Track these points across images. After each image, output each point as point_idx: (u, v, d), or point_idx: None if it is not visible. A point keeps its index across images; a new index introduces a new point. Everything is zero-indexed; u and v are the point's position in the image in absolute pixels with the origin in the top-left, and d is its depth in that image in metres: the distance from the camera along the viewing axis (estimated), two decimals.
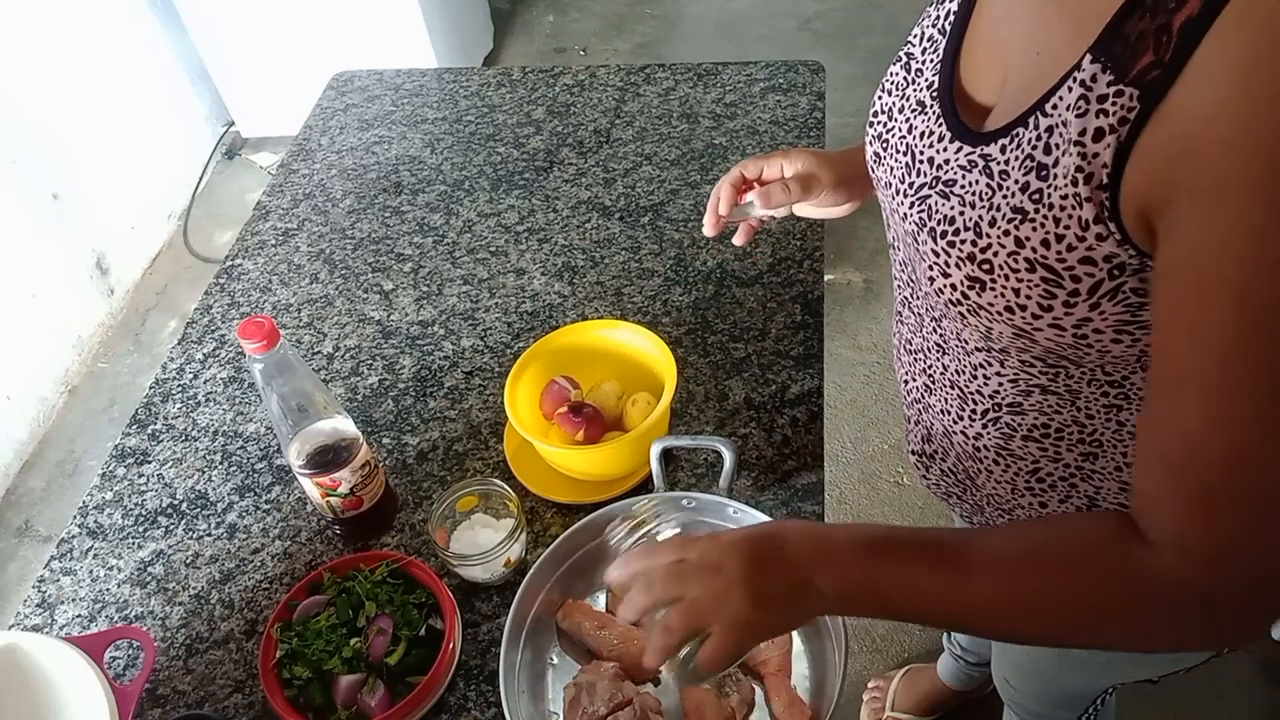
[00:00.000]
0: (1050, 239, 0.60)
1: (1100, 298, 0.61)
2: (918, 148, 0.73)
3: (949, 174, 0.69)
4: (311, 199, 1.49)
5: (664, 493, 0.95)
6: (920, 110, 0.73)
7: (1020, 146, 0.62)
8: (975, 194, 0.66)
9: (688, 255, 1.30)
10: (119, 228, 2.77)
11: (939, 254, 0.69)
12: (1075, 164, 0.57)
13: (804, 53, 3.13)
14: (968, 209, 0.66)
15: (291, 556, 1.05)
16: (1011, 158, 0.63)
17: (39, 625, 1.03)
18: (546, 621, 0.92)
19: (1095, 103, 0.55)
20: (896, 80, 0.78)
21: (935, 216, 0.69)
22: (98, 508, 1.12)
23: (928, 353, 0.84)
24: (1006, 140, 0.63)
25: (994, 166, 0.64)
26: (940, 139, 0.70)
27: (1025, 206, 0.61)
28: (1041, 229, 0.60)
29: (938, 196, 0.69)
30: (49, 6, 2.49)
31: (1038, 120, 0.60)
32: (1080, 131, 0.56)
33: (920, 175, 0.72)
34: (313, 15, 2.79)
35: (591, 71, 1.64)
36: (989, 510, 0.90)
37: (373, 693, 0.88)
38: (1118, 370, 0.68)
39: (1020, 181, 0.62)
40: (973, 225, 0.65)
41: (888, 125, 0.77)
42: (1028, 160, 0.61)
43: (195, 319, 1.32)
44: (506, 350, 1.22)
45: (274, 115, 3.09)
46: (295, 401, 0.92)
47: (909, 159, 0.74)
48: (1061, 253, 0.60)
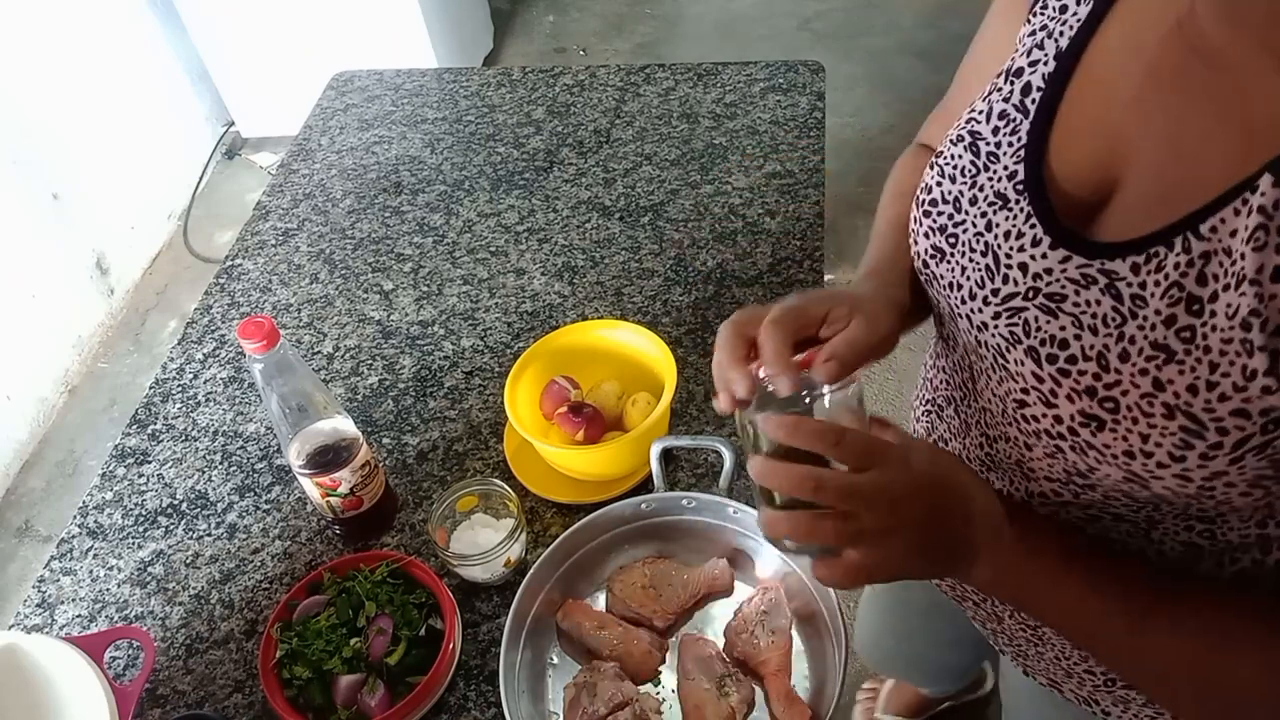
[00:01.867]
0: (1200, 385, 0.51)
1: (1246, 452, 0.52)
2: (1002, 250, 0.62)
3: (1053, 287, 0.59)
4: (311, 199, 1.49)
5: (664, 493, 0.95)
6: (1001, 204, 0.62)
7: (1163, 270, 0.52)
8: (1097, 317, 0.56)
9: (688, 255, 1.30)
10: (119, 228, 2.77)
11: (1043, 380, 0.59)
12: (1250, 306, 0.48)
13: (804, 53, 3.13)
14: (1086, 333, 0.57)
15: (291, 556, 1.05)
16: (1149, 281, 0.53)
17: (39, 625, 1.03)
18: (546, 621, 0.92)
19: (1277, 235, 0.47)
20: (961, 165, 0.66)
21: (1035, 334, 0.60)
22: (98, 508, 1.12)
23: (969, 461, 0.75)
24: (1140, 259, 0.53)
25: (1123, 288, 0.54)
26: (1035, 243, 0.60)
27: (1171, 345, 0.52)
28: (1191, 373, 0.51)
29: (1039, 311, 0.59)
30: (49, 6, 2.49)
31: (1189, 243, 0.51)
32: (1258, 269, 0.47)
33: (1009, 283, 0.62)
34: (313, 15, 2.79)
35: (591, 71, 1.64)
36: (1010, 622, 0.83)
37: (373, 693, 0.88)
38: (1216, 510, 0.59)
39: (1164, 313, 0.52)
40: (1095, 355, 0.56)
41: (955, 219, 0.66)
42: (1174, 289, 0.52)
43: (195, 319, 1.33)
44: (506, 350, 1.22)
45: (274, 115, 3.09)
46: (295, 401, 0.92)
47: (990, 261, 0.63)
48: (1211, 402, 0.51)
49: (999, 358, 0.64)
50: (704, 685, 0.86)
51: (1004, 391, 0.64)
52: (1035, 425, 0.62)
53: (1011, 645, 0.85)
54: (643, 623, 0.92)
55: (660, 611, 0.91)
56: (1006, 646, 0.86)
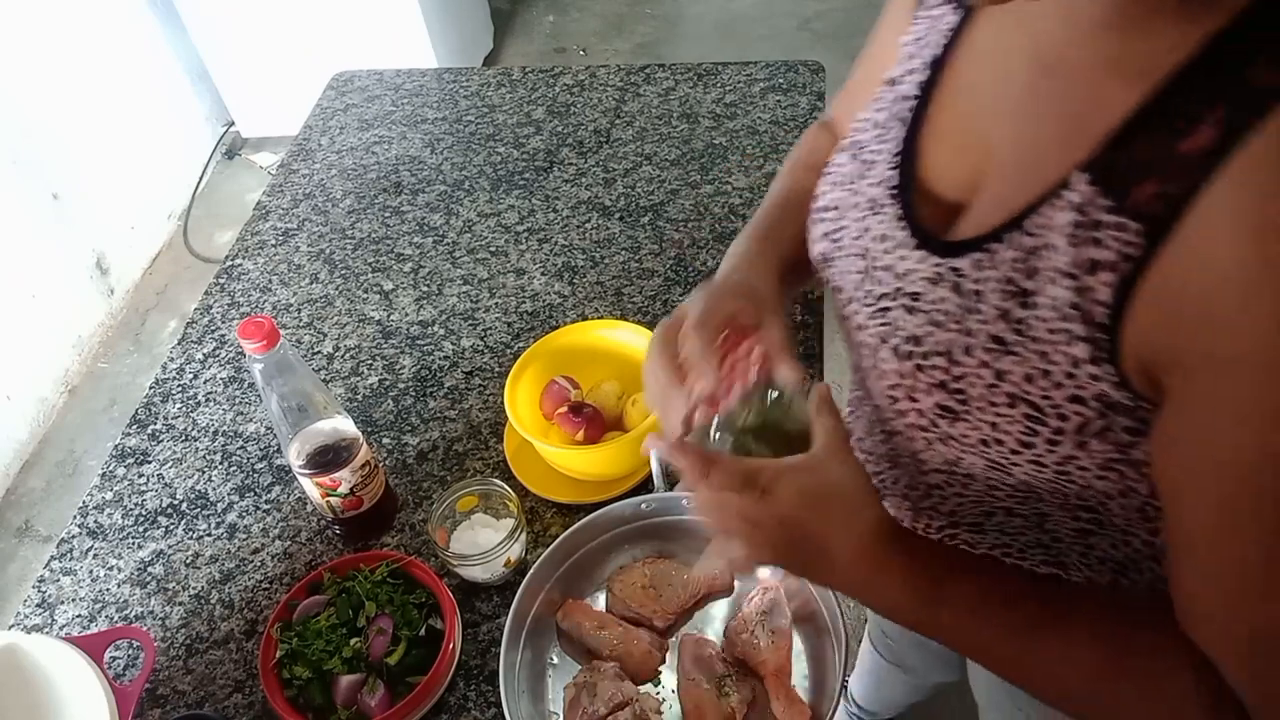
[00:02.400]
0: (1034, 374, 0.54)
1: (1089, 437, 0.54)
2: (874, 252, 0.65)
3: (913, 286, 0.61)
4: (311, 199, 1.49)
5: (664, 493, 0.95)
6: (875, 209, 0.65)
7: (997, 266, 0.55)
8: (945, 313, 0.59)
9: (688, 255, 1.30)
10: (119, 228, 2.77)
11: (904, 375, 0.62)
12: (1068, 298, 0.51)
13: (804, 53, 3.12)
14: (937, 329, 0.59)
15: (291, 556, 1.05)
16: (986, 276, 0.56)
17: (39, 625, 1.03)
18: (546, 621, 0.92)
19: (1090, 230, 0.49)
20: (845, 172, 0.69)
21: (899, 333, 0.62)
22: (98, 508, 1.12)
23: (877, 460, 0.77)
24: (981, 255, 0.56)
25: (965, 284, 0.57)
26: (900, 245, 0.62)
27: (1005, 336, 0.55)
28: (1025, 363, 0.54)
29: (901, 311, 0.62)
30: (49, 6, 2.49)
31: (1018, 239, 0.53)
32: (1073, 261, 0.50)
33: (879, 283, 0.64)
34: (313, 15, 2.79)
35: (591, 71, 1.64)
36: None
37: (373, 693, 0.88)
38: (1094, 498, 0.61)
39: (998, 307, 0.55)
40: (944, 350, 0.59)
41: (838, 223, 0.69)
42: (1006, 284, 0.54)
43: (195, 319, 1.32)
44: (506, 350, 1.21)
45: (274, 115, 3.09)
46: (295, 401, 0.92)
47: (865, 263, 0.66)
48: (1047, 389, 0.54)
49: (873, 355, 0.66)
50: (704, 685, 0.86)
51: (881, 389, 0.67)
52: (906, 420, 0.64)
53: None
54: (643, 623, 0.92)
55: (660, 611, 0.91)
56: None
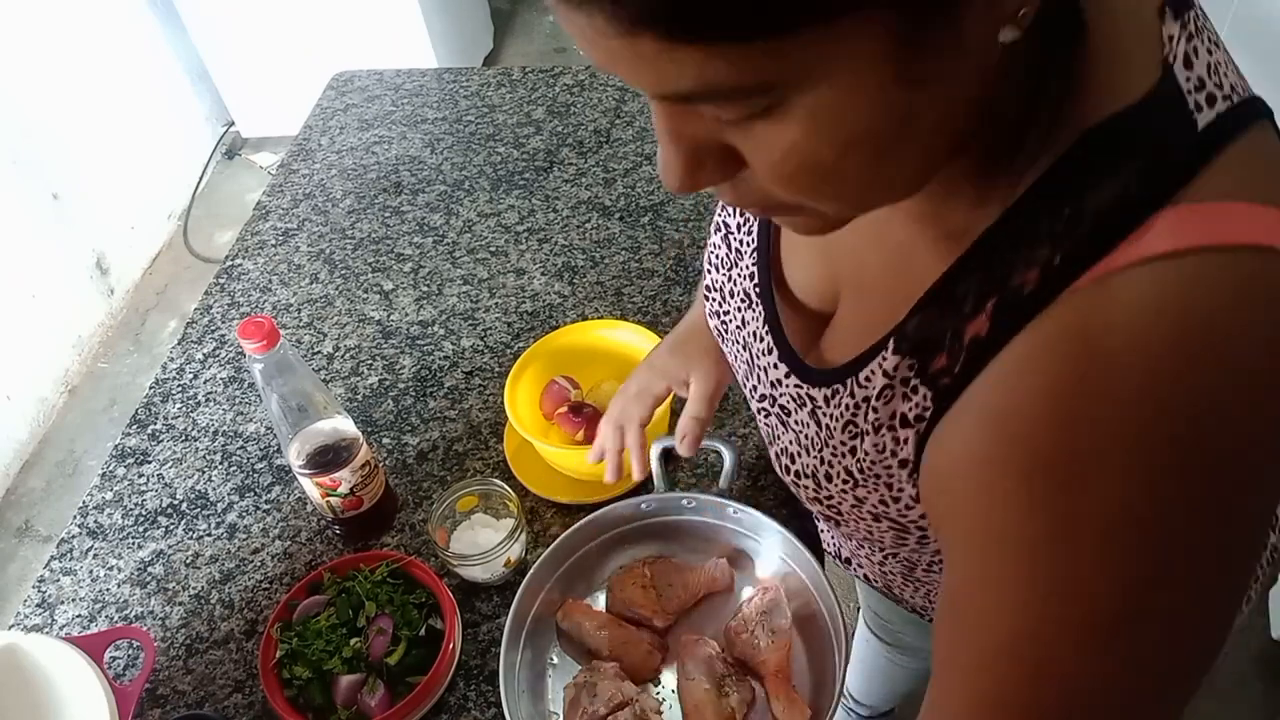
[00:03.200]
0: (888, 500, 0.56)
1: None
2: (753, 349, 0.65)
3: (783, 400, 0.63)
4: (311, 199, 1.49)
5: (664, 493, 0.95)
6: (748, 304, 0.65)
7: (841, 405, 0.56)
8: (808, 438, 0.61)
9: (688, 255, 1.30)
10: (119, 228, 2.77)
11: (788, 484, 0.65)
12: (890, 446, 0.53)
13: None
14: (804, 453, 0.61)
15: (291, 556, 1.05)
16: (834, 414, 0.57)
17: (39, 625, 1.03)
18: (546, 621, 0.92)
19: (900, 387, 0.51)
20: (719, 255, 0.69)
21: (778, 441, 0.64)
22: (98, 508, 1.12)
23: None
24: (829, 392, 0.57)
25: (821, 416, 0.58)
26: (770, 351, 0.63)
27: (854, 471, 0.57)
28: (875, 493, 0.57)
29: (777, 420, 0.64)
30: (49, 6, 2.49)
31: (853, 387, 0.55)
32: (891, 416, 0.52)
33: (761, 384, 0.65)
34: (313, 15, 2.79)
35: (591, 71, 1.64)
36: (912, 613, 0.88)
37: (373, 693, 0.88)
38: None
39: (846, 444, 0.57)
40: (811, 473, 0.61)
41: (722, 306, 0.70)
42: (849, 425, 0.56)
43: (195, 319, 1.32)
44: (506, 350, 1.21)
45: (274, 115, 3.09)
46: (295, 401, 0.92)
47: (748, 356, 0.66)
48: (902, 510, 0.56)
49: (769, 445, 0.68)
50: (704, 685, 0.86)
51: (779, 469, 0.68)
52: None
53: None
54: (643, 623, 0.92)
55: (660, 611, 0.91)
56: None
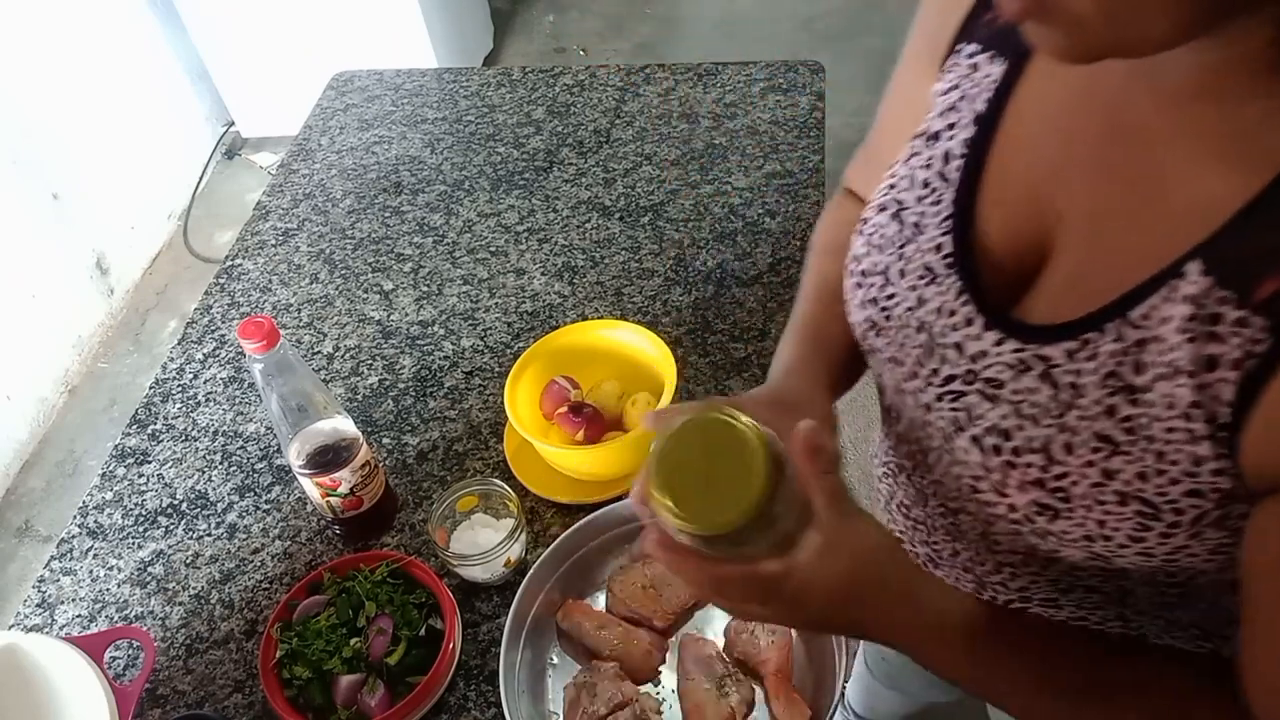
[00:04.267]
0: (1149, 472, 0.49)
1: (1204, 527, 0.50)
2: (936, 328, 0.59)
3: (990, 371, 0.56)
4: (311, 199, 1.49)
5: None
6: (929, 279, 0.59)
7: (1097, 358, 0.50)
8: (1038, 407, 0.53)
9: (688, 255, 1.30)
10: (119, 228, 2.77)
11: (991, 470, 0.56)
12: (1188, 397, 0.46)
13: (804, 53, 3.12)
14: (1029, 424, 0.54)
15: (291, 556, 1.05)
16: (1084, 369, 0.51)
17: (39, 625, 1.03)
18: (546, 621, 0.92)
19: (1208, 324, 0.45)
20: (886, 234, 0.62)
21: (979, 422, 0.57)
22: (98, 508, 1.12)
23: (932, 530, 0.72)
24: (1074, 345, 0.51)
25: (1060, 375, 0.52)
26: (968, 322, 0.57)
27: (1115, 435, 0.50)
28: (1138, 462, 0.50)
29: (979, 397, 0.56)
30: (49, 6, 2.49)
31: (1121, 330, 0.49)
32: (1191, 358, 0.46)
33: (946, 363, 0.58)
34: (313, 15, 2.79)
35: (591, 71, 1.64)
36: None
37: (373, 693, 0.88)
38: (1185, 575, 0.57)
39: (1104, 404, 0.50)
40: (1041, 447, 0.53)
41: (885, 290, 0.62)
42: (1111, 379, 0.50)
43: (195, 319, 1.32)
44: (506, 350, 1.21)
45: (274, 115, 3.09)
46: (295, 401, 0.92)
47: (926, 338, 0.60)
48: (1163, 486, 0.49)
49: (946, 441, 0.61)
50: (704, 685, 0.86)
51: (956, 474, 0.61)
52: (990, 510, 0.59)
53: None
54: (643, 623, 0.92)
55: (660, 611, 0.91)
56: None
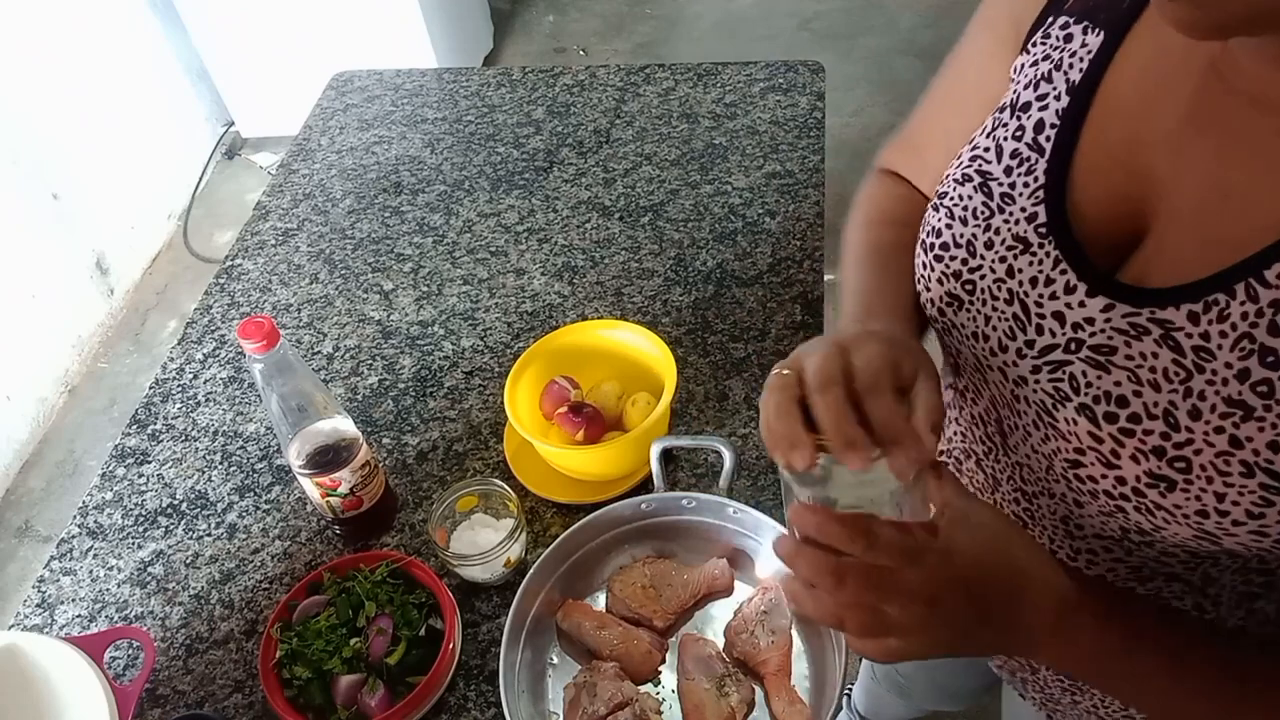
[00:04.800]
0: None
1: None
2: (1030, 298, 0.58)
3: (1098, 338, 0.55)
4: (311, 199, 1.49)
5: (664, 493, 0.95)
6: (1022, 248, 0.59)
7: (1227, 319, 0.49)
8: (1157, 371, 0.53)
9: (688, 255, 1.30)
10: (119, 228, 2.77)
11: (1102, 440, 0.56)
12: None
13: (804, 53, 3.13)
14: (1148, 389, 0.53)
15: (291, 556, 1.05)
16: (1213, 332, 0.50)
17: (39, 625, 1.03)
18: (546, 621, 0.92)
19: None
20: (972, 206, 0.62)
21: (1087, 391, 0.56)
22: (98, 508, 1.12)
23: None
24: (1198, 307, 0.50)
25: (1182, 340, 0.51)
26: (1069, 290, 0.56)
27: (1248, 400, 0.49)
28: (1272, 430, 0.49)
29: (1086, 366, 0.56)
30: (49, 7, 2.49)
31: (1253, 290, 0.48)
32: None
33: (1046, 334, 0.58)
34: (313, 15, 2.79)
35: (591, 71, 1.64)
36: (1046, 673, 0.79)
37: (373, 693, 0.88)
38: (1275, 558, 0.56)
39: (1236, 367, 0.49)
40: (1160, 413, 0.52)
41: (970, 264, 0.62)
42: (1244, 340, 0.49)
43: (195, 319, 1.33)
44: (506, 350, 1.22)
45: (274, 115, 3.09)
46: (295, 401, 0.92)
47: (1018, 310, 0.59)
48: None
49: (1044, 415, 0.60)
50: (704, 685, 0.86)
51: (1050, 450, 0.60)
52: (1092, 485, 0.58)
53: (1045, 699, 0.83)
54: (643, 623, 0.92)
55: (660, 611, 0.91)
56: (1035, 694, 0.85)
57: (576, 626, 0.91)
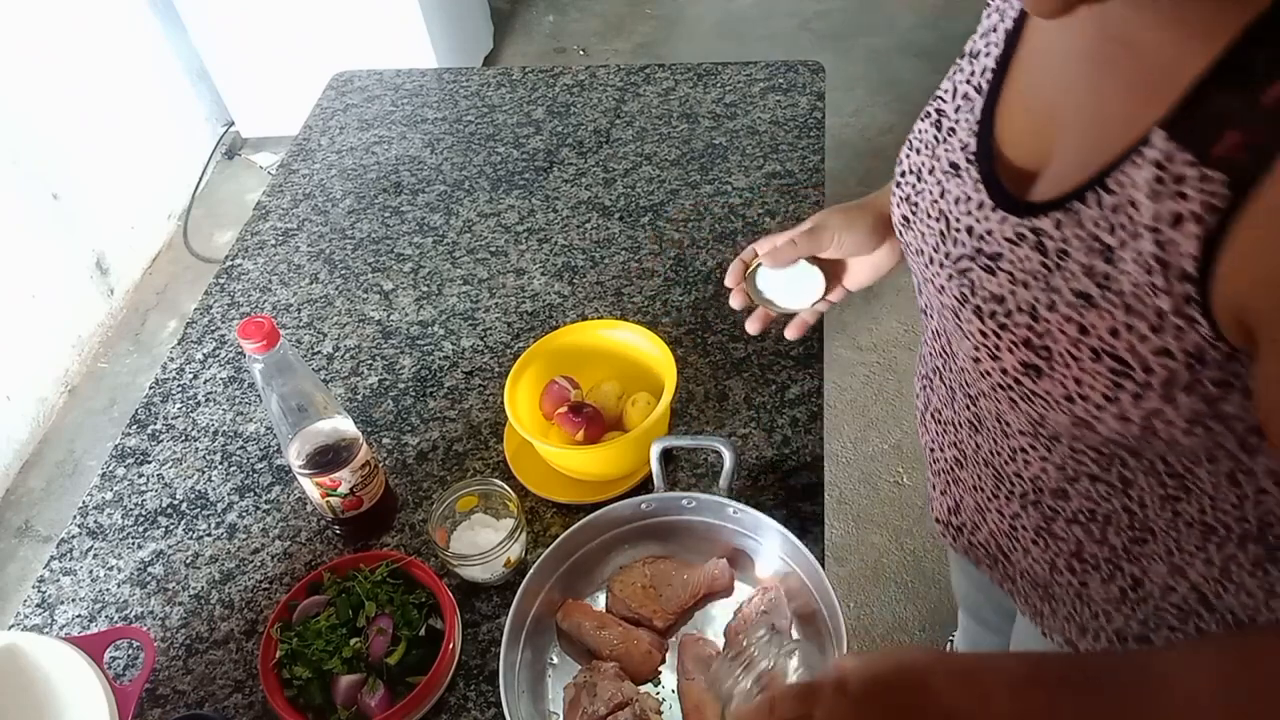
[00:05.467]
0: (1119, 328, 0.55)
1: (1175, 390, 0.55)
2: (953, 214, 0.67)
3: (993, 246, 0.63)
4: (311, 199, 1.49)
5: (664, 493, 0.95)
6: (954, 173, 0.68)
7: (1081, 224, 0.56)
8: (1028, 272, 0.60)
9: (688, 255, 1.30)
10: (119, 228, 2.77)
11: (986, 334, 0.64)
12: (1151, 251, 0.52)
13: (804, 53, 3.13)
14: (1020, 288, 0.61)
15: (291, 556, 1.05)
16: (1070, 235, 0.57)
17: (39, 625, 1.03)
18: (546, 621, 0.92)
19: (1172, 184, 0.50)
20: (926, 139, 0.72)
21: (979, 293, 0.64)
22: (98, 508, 1.12)
23: (959, 427, 0.79)
24: (1062, 215, 0.58)
25: (1049, 243, 0.59)
26: (980, 206, 0.65)
27: (1090, 291, 0.56)
28: (1110, 317, 0.55)
29: (981, 271, 0.64)
30: (49, 7, 2.49)
31: (1100, 196, 0.55)
32: (1155, 216, 0.51)
33: (958, 245, 0.67)
34: (313, 15, 2.79)
35: (591, 71, 1.64)
36: (1022, 583, 0.84)
37: (373, 693, 0.88)
38: (1180, 462, 0.62)
39: (1083, 264, 0.56)
40: (1028, 308, 0.60)
41: (917, 187, 0.72)
42: (1091, 241, 0.56)
43: (195, 319, 1.33)
44: (506, 350, 1.22)
45: (274, 115, 3.09)
46: (295, 401, 0.92)
47: (943, 226, 0.68)
48: (1133, 343, 0.55)
49: (956, 318, 0.68)
50: (704, 685, 0.86)
51: (965, 350, 0.69)
52: (990, 379, 0.66)
53: (1027, 604, 0.86)
54: (643, 623, 0.92)
55: (660, 611, 0.91)
56: (1023, 606, 0.87)
57: (576, 626, 0.91)
